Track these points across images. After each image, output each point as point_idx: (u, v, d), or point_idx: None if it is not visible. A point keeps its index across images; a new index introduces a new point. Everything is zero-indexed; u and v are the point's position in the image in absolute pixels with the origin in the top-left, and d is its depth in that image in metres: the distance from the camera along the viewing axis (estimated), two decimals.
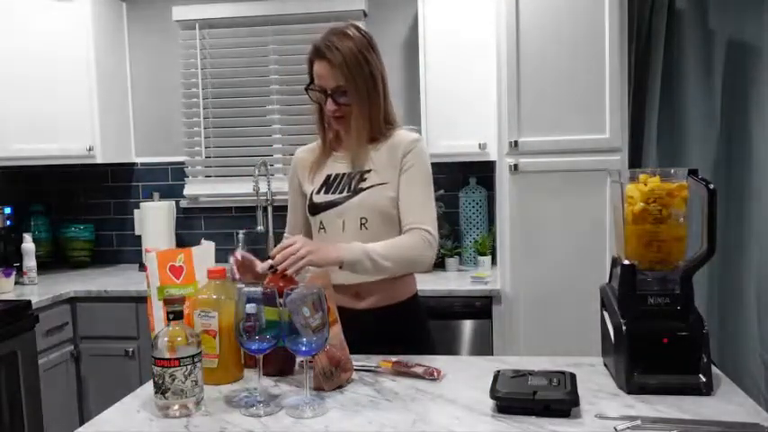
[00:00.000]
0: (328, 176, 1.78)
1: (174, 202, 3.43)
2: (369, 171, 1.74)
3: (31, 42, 3.04)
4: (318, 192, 1.78)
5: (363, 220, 1.72)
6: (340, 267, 1.59)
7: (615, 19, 2.49)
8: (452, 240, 3.13)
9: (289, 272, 1.51)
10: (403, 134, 1.78)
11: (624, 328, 1.40)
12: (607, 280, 1.60)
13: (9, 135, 3.01)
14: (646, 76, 2.71)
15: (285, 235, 1.90)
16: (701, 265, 1.41)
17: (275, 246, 3.73)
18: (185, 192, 3.47)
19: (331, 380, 1.44)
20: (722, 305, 2.64)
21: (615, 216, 1.57)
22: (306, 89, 1.77)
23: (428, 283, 2.77)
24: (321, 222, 1.76)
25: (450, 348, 2.66)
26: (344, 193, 1.74)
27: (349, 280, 1.70)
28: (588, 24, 2.52)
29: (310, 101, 1.83)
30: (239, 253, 1.64)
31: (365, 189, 1.73)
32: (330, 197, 1.75)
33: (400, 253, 1.66)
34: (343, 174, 1.77)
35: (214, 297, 1.48)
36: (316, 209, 1.77)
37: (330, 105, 1.72)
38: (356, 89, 1.70)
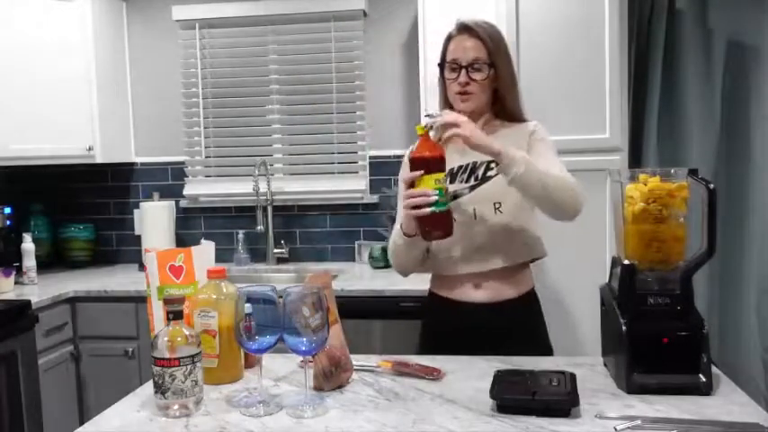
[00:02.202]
0: (450, 169, 1.78)
1: (173, 202, 3.43)
2: (491, 161, 1.74)
3: (31, 42, 3.04)
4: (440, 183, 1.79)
5: (497, 205, 1.75)
6: (496, 165, 1.62)
7: (615, 19, 2.49)
8: None
9: (445, 134, 1.59)
10: (522, 123, 1.84)
11: (624, 328, 1.40)
12: (607, 280, 1.60)
13: (9, 135, 3.01)
14: (646, 76, 2.71)
15: (396, 228, 1.84)
16: (701, 265, 1.41)
17: (275, 246, 3.72)
18: (185, 192, 3.47)
19: (331, 380, 1.44)
20: (722, 305, 2.64)
21: (615, 216, 1.57)
22: (440, 65, 1.82)
23: (428, 283, 2.76)
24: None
25: None
26: (472, 182, 1.77)
27: (469, 269, 1.76)
28: (588, 24, 2.52)
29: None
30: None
31: (494, 176, 1.75)
32: (458, 186, 1.77)
33: (557, 174, 1.67)
34: (467, 164, 1.79)
35: (214, 297, 1.48)
36: None
37: (463, 77, 1.74)
38: (500, 64, 1.76)
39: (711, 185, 1.37)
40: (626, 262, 1.44)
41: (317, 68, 3.36)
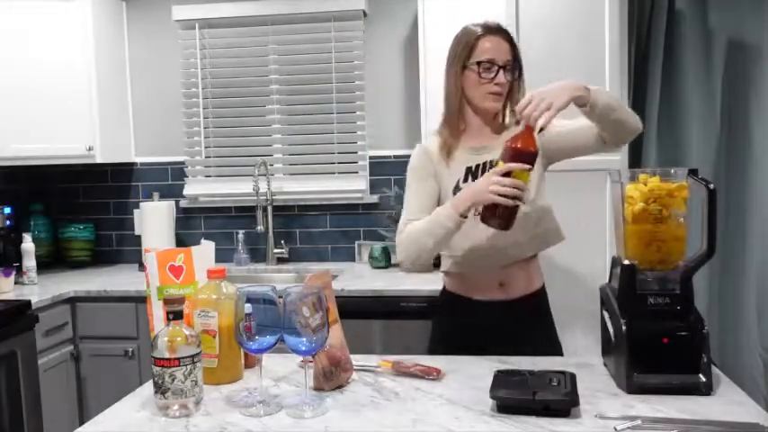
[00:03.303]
0: (468, 168, 1.80)
1: (173, 202, 3.43)
2: None
3: (31, 42, 3.04)
4: (465, 181, 1.79)
5: None
6: (582, 106, 1.62)
7: (615, 19, 2.49)
8: None
9: (540, 122, 1.53)
10: None
11: (624, 328, 1.40)
12: (607, 280, 1.60)
13: (9, 135, 3.01)
14: (646, 76, 2.71)
15: (403, 219, 1.83)
16: (701, 265, 1.41)
17: (275, 246, 3.71)
18: (185, 192, 3.47)
19: (331, 380, 1.45)
20: (722, 305, 2.64)
21: (615, 216, 1.57)
22: (463, 67, 1.80)
23: (428, 283, 2.76)
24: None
25: None
26: None
27: (493, 261, 1.78)
28: (588, 25, 2.52)
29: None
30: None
31: None
32: None
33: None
34: (484, 163, 1.79)
35: (214, 297, 1.48)
36: None
37: (502, 78, 1.76)
38: (521, 73, 1.81)
39: (711, 185, 1.37)
40: (626, 262, 1.44)
41: (317, 68, 3.36)
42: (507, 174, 1.55)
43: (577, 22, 2.53)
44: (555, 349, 1.88)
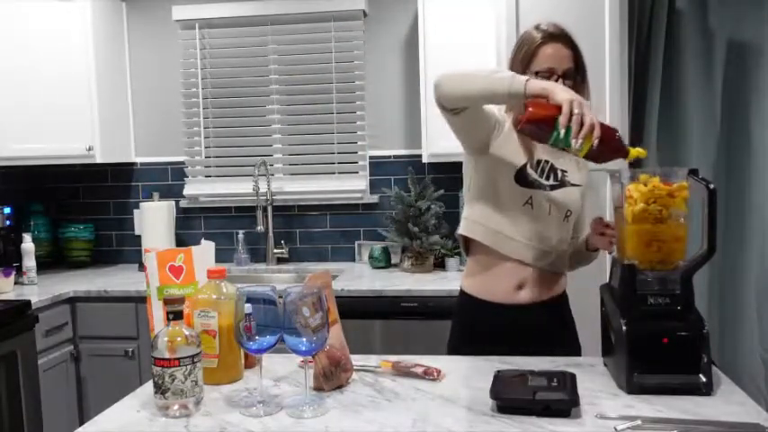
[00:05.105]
0: (539, 161, 1.78)
1: (173, 202, 3.43)
2: (565, 171, 1.80)
3: (32, 42, 3.04)
4: (532, 168, 1.77)
5: (568, 213, 1.80)
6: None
7: (615, 19, 2.49)
8: (452, 240, 3.13)
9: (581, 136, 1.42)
10: None
11: (624, 328, 1.40)
12: (607, 280, 1.60)
13: (9, 135, 3.01)
14: (646, 76, 2.71)
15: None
16: (702, 265, 1.41)
17: (275, 246, 3.69)
18: (185, 192, 3.47)
19: (331, 380, 1.44)
20: (722, 305, 2.64)
21: (615, 216, 1.57)
22: (523, 74, 1.69)
23: (428, 283, 2.77)
24: (531, 198, 1.75)
25: None
26: (551, 181, 1.78)
27: (523, 256, 1.75)
28: (588, 25, 2.52)
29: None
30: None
31: (572, 185, 1.81)
32: (541, 179, 1.77)
33: None
34: (547, 161, 1.79)
35: (214, 297, 1.48)
36: (528, 183, 1.76)
37: None
38: (584, 76, 1.78)
39: (711, 185, 1.37)
40: (626, 262, 1.44)
41: (317, 68, 3.36)
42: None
43: (577, 22, 2.51)
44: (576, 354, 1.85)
